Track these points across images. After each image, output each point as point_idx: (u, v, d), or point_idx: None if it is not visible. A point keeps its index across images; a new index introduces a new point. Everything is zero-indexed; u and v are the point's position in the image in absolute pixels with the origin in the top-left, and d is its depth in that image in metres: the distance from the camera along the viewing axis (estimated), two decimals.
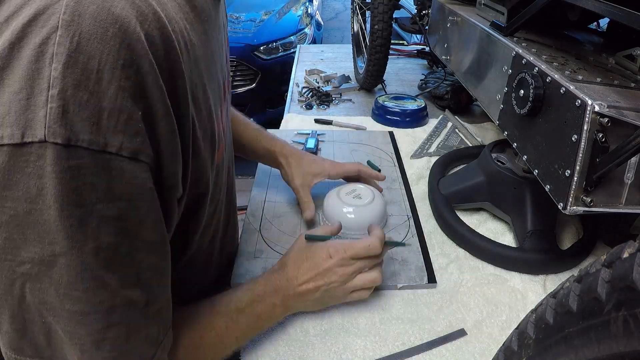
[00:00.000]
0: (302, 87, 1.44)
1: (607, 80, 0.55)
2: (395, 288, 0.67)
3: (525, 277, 0.70)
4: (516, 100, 0.63)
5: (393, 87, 1.46)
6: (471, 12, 0.91)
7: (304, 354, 0.58)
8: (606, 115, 0.48)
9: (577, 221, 0.81)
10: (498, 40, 0.73)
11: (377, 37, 1.19)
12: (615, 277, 0.27)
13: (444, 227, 0.79)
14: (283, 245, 0.73)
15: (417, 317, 0.63)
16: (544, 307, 0.34)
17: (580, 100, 0.50)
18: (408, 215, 0.82)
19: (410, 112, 1.17)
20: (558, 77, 0.55)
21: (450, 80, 1.31)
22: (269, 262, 0.70)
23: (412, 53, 1.77)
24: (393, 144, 1.07)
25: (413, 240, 0.75)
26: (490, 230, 0.79)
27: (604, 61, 0.65)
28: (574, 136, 0.51)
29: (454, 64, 0.95)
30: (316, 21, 4.01)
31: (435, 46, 1.11)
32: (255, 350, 0.58)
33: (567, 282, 0.32)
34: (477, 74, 0.82)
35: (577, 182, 0.51)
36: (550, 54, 0.64)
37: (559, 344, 0.31)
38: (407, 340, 0.59)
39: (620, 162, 0.46)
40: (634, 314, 0.25)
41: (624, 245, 0.27)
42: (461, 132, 1.14)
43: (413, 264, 0.70)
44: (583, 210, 0.51)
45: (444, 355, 0.58)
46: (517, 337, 0.37)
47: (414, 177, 0.94)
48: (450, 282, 0.69)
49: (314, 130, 1.12)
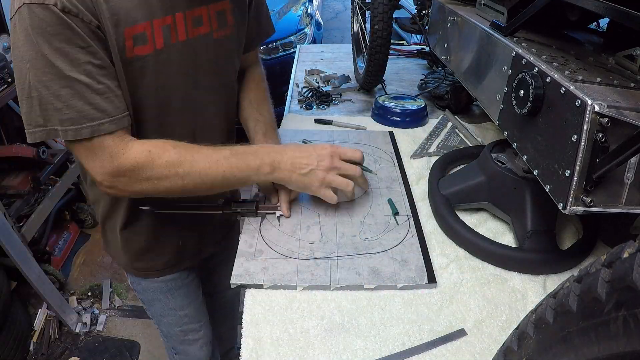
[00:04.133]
0: (302, 87, 1.43)
1: (607, 80, 0.55)
2: (395, 288, 0.67)
3: (525, 277, 0.70)
4: (516, 100, 0.63)
5: (393, 87, 1.46)
6: (471, 12, 0.91)
7: (304, 354, 0.58)
8: (606, 115, 0.48)
9: (577, 221, 0.81)
10: (498, 40, 0.73)
11: (377, 37, 1.19)
12: (615, 277, 0.27)
13: (444, 227, 0.79)
14: (283, 245, 0.73)
15: (417, 317, 0.63)
16: (544, 307, 0.34)
17: (580, 100, 0.50)
18: (408, 215, 0.82)
19: (410, 112, 1.17)
20: (558, 77, 0.55)
21: (450, 80, 1.31)
22: (269, 262, 0.70)
23: (412, 53, 1.77)
24: (393, 144, 1.07)
25: (413, 240, 0.75)
26: (490, 230, 0.79)
27: (604, 61, 0.65)
28: (574, 136, 0.51)
29: (454, 64, 0.95)
30: (316, 21, 4.00)
31: (435, 46, 1.11)
32: (255, 350, 0.58)
33: (567, 282, 0.32)
34: (477, 74, 0.82)
35: (577, 182, 0.51)
36: (550, 54, 0.64)
37: (559, 344, 0.31)
38: (407, 341, 0.59)
39: (620, 162, 0.46)
40: (634, 314, 0.25)
41: (624, 245, 0.27)
42: (461, 132, 1.14)
43: (413, 264, 0.70)
44: (583, 210, 0.51)
45: (444, 355, 0.58)
46: (517, 337, 0.37)
47: (414, 177, 0.94)
48: (450, 282, 0.69)
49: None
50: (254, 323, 0.61)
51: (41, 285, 1.69)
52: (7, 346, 1.63)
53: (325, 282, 0.66)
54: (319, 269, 0.69)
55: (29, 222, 1.76)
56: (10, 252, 1.55)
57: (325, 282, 0.66)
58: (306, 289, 0.66)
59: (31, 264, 1.65)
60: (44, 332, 1.82)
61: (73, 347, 1.82)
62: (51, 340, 1.82)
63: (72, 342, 1.84)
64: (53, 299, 1.76)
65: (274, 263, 0.70)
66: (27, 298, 1.91)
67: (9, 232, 1.56)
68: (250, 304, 0.64)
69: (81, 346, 1.83)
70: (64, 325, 1.87)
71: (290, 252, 0.72)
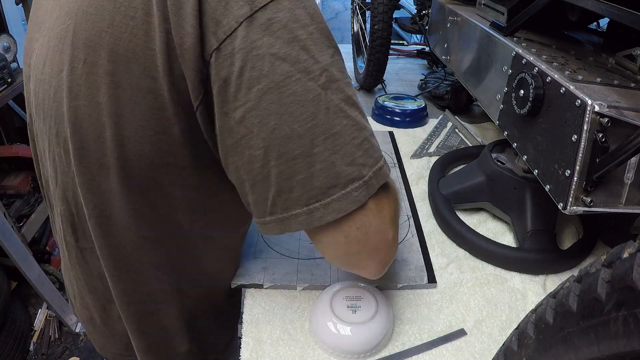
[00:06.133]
0: None
1: (607, 80, 0.55)
2: (395, 288, 0.67)
3: (525, 277, 0.70)
4: (516, 100, 0.63)
5: (393, 87, 1.46)
6: (471, 12, 0.91)
7: (304, 354, 0.57)
8: (606, 115, 0.48)
9: (577, 221, 0.81)
10: (498, 40, 0.73)
11: (377, 37, 1.19)
12: (615, 277, 0.27)
13: (444, 227, 0.79)
14: (283, 245, 0.73)
15: (417, 317, 0.63)
16: (544, 307, 0.34)
17: (580, 100, 0.50)
18: (408, 215, 0.82)
19: (410, 112, 1.17)
20: (558, 77, 0.55)
21: (450, 80, 1.31)
22: (269, 262, 0.70)
23: (412, 53, 1.77)
24: (393, 144, 1.07)
25: (413, 240, 0.75)
26: (490, 230, 0.79)
27: (604, 61, 0.65)
28: (573, 136, 0.51)
29: (454, 64, 0.95)
30: None
31: (435, 46, 1.11)
32: (255, 350, 0.58)
33: (567, 282, 0.32)
34: (477, 74, 0.82)
35: (577, 182, 0.51)
36: (550, 54, 0.64)
37: (559, 344, 0.31)
38: (407, 340, 0.59)
39: (620, 162, 0.46)
40: (634, 314, 0.25)
41: (624, 245, 0.27)
42: (461, 132, 1.14)
43: (413, 263, 0.70)
44: (583, 210, 0.51)
45: (444, 355, 0.58)
46: (517, 337, 0.37)
47: (414, 177, 0.94)
48: (450, 282, 0.69)
49: None
50: (254, 323, 0.61)
51: (41, 285, 1.69)
52: (7, 346, 1.63)
53: (326, 282, 0.66)
54: (319, 269, 0.69)
55: (29, 222, 1.76)
56: (10, 252, 1.55)
57: (325, 282, 0.66)
58: (306, 288, 0.66)
59: (31, 264, 1.65)
60: (44, 332, 1.82)
61: (73, 347, 1.82)
62: (51, 340, 1.82)
63: (72, 342, 1.84)
64: (53, 299, 1.75)
65: (274, 263, 0.70)
66: (27, 298, 1.91)
67: (9, 232, 1.56)
68: (250, 304, 0.64)
69: (81, 346, 1.83)
70: (64, 325, 1.87)
71: (290, 252, 0.72)
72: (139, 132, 0.44)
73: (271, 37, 0.39)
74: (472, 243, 0.74)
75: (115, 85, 0.42)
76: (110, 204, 0.48)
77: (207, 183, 0.50)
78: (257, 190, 0.44)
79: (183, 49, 0.39)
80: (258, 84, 0.39)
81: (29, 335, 1.79)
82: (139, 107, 0.43)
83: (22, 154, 1.86)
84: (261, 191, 0.43)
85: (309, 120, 0.40)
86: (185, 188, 0.49)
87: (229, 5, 0.38)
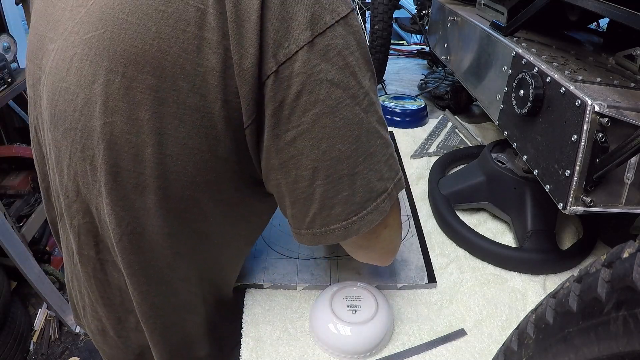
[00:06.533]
0: None
1: (607, 80, 0.55)
2: (395, 288, 0.67)
3: (525, 277, 0.70)
4: (516, 100, 0.63)
5: (393, 87, 1.46)
6: (471, 12, 0.91)
7: (304, 354, 0.57)
8: (606, 115, 0.48)
9: (577, 221, 0.81)
10: (498, 40, 0.73)
11: (377, 37, 1.19)
12: (615, 277, 0.27)
13: (444, 227, 0.79)
14: (283, 245, 0.73)
15: (417, 317, 0.63)
16: (544, 307, 0.34)
17: (580, 100, 0.50)
18: (408, 215, 0.82)
19: (410, 112, 1.17)
20: (558, 77, 0.55)
21: (450, 80, 1.31)
22: (269, 262, 0.70)
23: (412, 53, 1.77)
24: (393, 144, 1.06)
25: (413, 240, 0.75)
26: (490, 230, 0.79)
27: (604, 61, 0.65)
28: (574, 136, 0.51)
29: (454, 64, 0.95)
30: None
31: (435, 46, 1.11)
32: (255, 350, 0.58)
33: (567, 282, 0.32)
34: (477, 74, 0.82)
35: (577, 182, 0.51)
36: (550, 54, 0.64)
37: (559, 344, 0.31)
38: (407, 340, 0.59)
39: (620, 162, 0.46)
40: (634, 314, 0.25)
41: (624, 245, 0.27)
42: (461, 132, 1.14)
43: (413, 263, 0.70)
44: (583, 210, 0.51)
45: (444, 355, 0.58)
46: (517, 337, 0.37)
47: (414, 177, 0.94)
48: (450, 282, 0.69)
49: None
50: (253, 323, 0.61)
51: (41, 285, 1.69)
52: (7, 346, 1.63)
53: (325, 282, 0.66)
54: (319, 269, 0.69)
55: (29, 222, 1.76)
56: (10, 252, 1.55)
57: (325, 282, 0.66)
58: (306, 288, 0.66)
59: (31, 264, 1.65)
60: (44, 332, 1.82)
61: (73, 347, 1.82)
62: (51, 340, 1.82)
63: (72, 342, 1.84)
64: (53, 299, 1.76)
65: (274, 263, 0.70)
66: (27, 298, 1.91)
67: (9, 232, 1.56)
68: (250, 303, 0.64)
69: (81, 346, 1.83)
70: (64, 325, 1.87)
71: (290, 251, 0.72)
72: (182, 151, 0.42)
73: (328, 63, 0.39)
74: (472, 243, 0.74)
75: (159, 102, 0.40)
76: (143, 221, 0.47)
77: (241, 196, 0.50)
78: (298, 206, 0.45)
79: (242, 69, 0.38)
80: (314, 108, 0.40)
81: (29, 335, 1.79)
82: (184, 125, 0.41)
83: (22, 154, 1.87)
84: (302, 207, 0.45)
85: (354, 142, 0.42)
86: (221, 203, 0.49)
87: (290, 28, 0.38)
